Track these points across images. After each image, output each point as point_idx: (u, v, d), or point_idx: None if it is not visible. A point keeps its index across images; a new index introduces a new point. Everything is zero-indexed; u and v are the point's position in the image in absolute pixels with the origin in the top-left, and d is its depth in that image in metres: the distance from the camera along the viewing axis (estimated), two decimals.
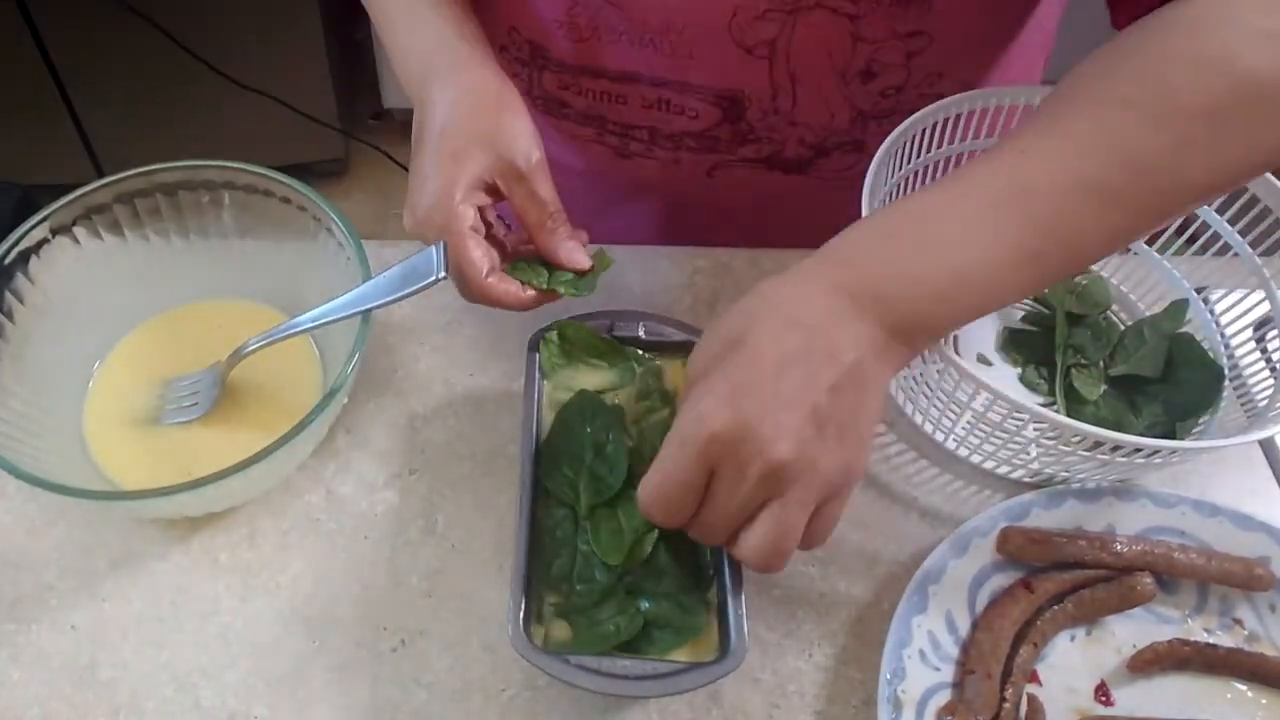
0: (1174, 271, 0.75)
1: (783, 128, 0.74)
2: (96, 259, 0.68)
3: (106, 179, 0.66)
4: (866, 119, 0.73)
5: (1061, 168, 0.47)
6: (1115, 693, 0.59)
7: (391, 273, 0.60)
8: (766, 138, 0.75)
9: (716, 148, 0.77)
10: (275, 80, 1.93)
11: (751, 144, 0.76)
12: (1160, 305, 0.74)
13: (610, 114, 0.77)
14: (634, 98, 0.74)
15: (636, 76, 0.73)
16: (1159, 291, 0.75)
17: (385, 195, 2.24)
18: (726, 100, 0.73)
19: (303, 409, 0.58)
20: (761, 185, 0.80)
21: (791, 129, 0.74)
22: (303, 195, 0.67)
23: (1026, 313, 0.76)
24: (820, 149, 0.76)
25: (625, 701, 0.58)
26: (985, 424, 0.62)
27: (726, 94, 0.72)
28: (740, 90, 0.72)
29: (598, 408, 0.60)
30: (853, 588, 0.63)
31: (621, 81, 0.73)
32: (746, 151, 0.77)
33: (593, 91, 0.75)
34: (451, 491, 0.66)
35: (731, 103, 0.73)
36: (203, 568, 0.63)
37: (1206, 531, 0.63)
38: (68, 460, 0.63)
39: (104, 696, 0.58)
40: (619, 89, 0.74)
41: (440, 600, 0.61)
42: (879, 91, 0.71)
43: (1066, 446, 0.61)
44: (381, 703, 0.58)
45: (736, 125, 0.75)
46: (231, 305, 0.72)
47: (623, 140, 0.76)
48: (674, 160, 0.79)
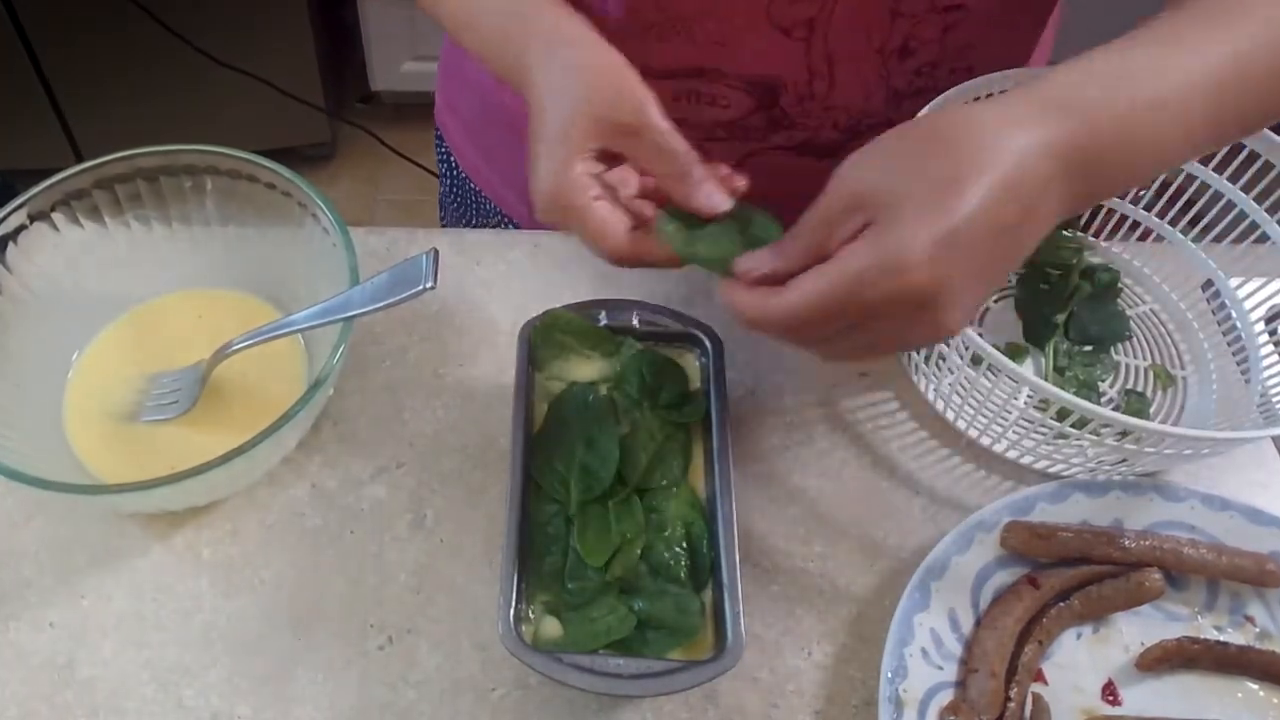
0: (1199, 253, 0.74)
1: (818, 113, 0.73)
2: (76, 246, 0.66)
3: (86, 164, 0.65)
4: (901, 98, 0.72)
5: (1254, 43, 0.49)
6: (1123, 692, 0.58)
7: (380, 279, 0.59)
8: (801, 123, 0.74)
9: (749, 137, 0.75)
10: (260, 61, 1.90)
11: (784, 131, 0.74)
12: (1182, 290, 0.74)
13: None
14: (662, 91, 0.73)
15: (667, 72, 0.71)
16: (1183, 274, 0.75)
17: (373, 180, 2.21)
18: (761, 87, 0.71)
19: (287, 402, 0.57)
20: (790, 172, 0.78)
21: (826, 113, 0.73)
22: (288, 181, 0.65)
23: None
24: (854, 131, 0.75)
25: (620, 701, 0.57)
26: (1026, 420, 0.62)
27: (761, 81, 0.71)
28: (776, 76, 0.70)
29: (590, 400, 0.59)
30: (853, 584, 0.61)
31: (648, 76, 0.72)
32: (779, 139, 0.75)
33: None
34: (441, 485, 0.64)
35: (766, 90, 0.71)
36: (185, 564, 0.61)
37: (1216, 526, 0.61)
38: (46, 453, 0.62)
39: (83, 696, 0.57)
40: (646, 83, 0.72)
41: (429, 597, 0.60)
42: (914, 70, 0.70)
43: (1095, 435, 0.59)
44: (369, 702, 0.57)
45: (770, 112, 0.73)
46: (214, 294, 0.70)
47: None
48: (702, 151, 0.77)
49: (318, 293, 0.62)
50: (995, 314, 0.74)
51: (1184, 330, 0.74)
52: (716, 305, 0.73)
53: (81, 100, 1.95)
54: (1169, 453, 0.59)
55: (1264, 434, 0.58)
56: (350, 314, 0.59)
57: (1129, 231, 0.76)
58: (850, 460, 0.66)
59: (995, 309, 0.75)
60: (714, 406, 0.60)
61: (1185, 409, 0.71)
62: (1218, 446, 0.61)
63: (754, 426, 0.67)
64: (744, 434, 0.67)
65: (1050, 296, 0.74)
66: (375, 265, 0.71)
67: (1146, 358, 0.73)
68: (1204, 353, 0.73)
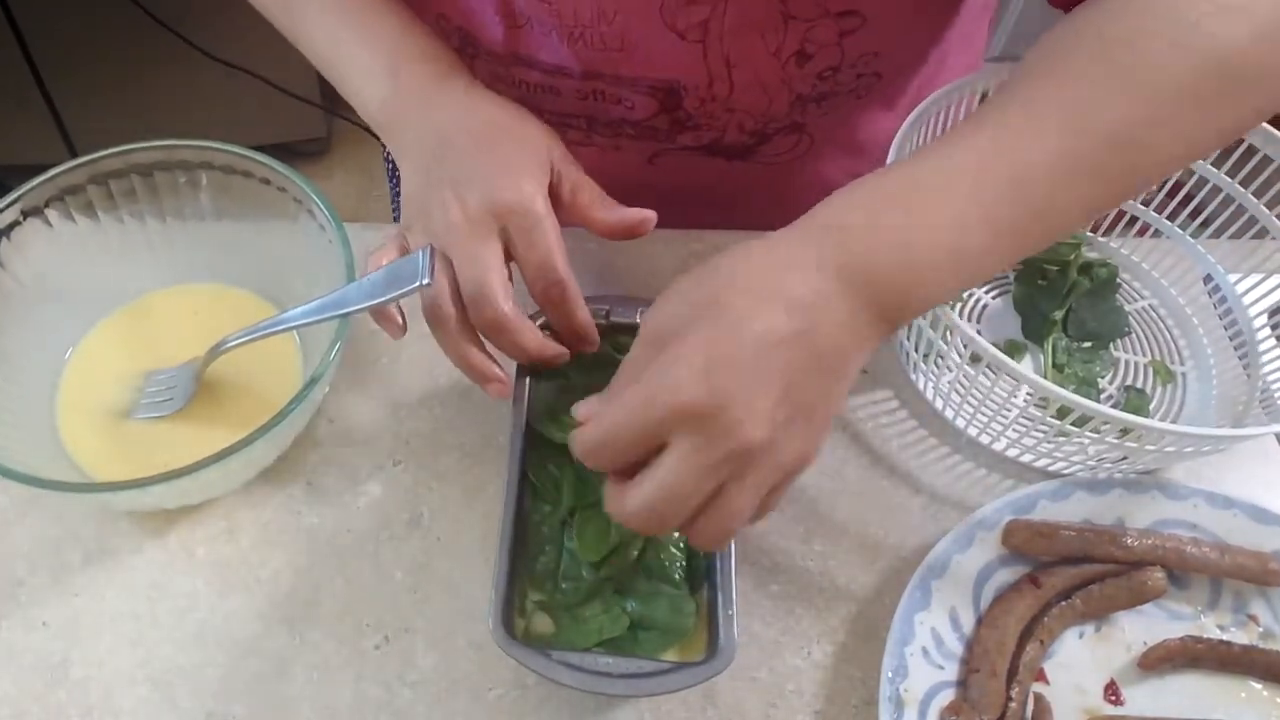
0: (1198, 248, 0.73)
1: (721, 115, 0.73)
2: (69, 242, 0.66)
3: (80, 159, 0.64)
4: (805, 102, 0.72)
5: (1050, 147, 0.47)
6: (1125, 692, 0.57)
7: (376, 275, 0.58)
8: (706, 125, 0.74)
9: (656, 137, 0.75)
10: (255, 56, 1.89)
11: (690, 131, 0.74)
12: (1182, 285, 0.74)
13: (545, 104, 0.74)
14: (567, 90, 0.73)
15: (569, 70, 0.71)
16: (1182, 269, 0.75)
17: (369, 176, 2.20)
18: (662, 91, 0.71)
19: (282, 399, 0.56)
20: (704, 171, 0.78)
21: (730, 115, 0.73)
22: (283, 176, 0.65)
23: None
24: (761, 135, 0.75)
25: (617, 701, 0.56)
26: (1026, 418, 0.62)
27: (662, 84, 0.71)
28: (675, 80, 0.70)
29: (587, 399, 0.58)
30: (853, 583, 0.61)
31: (554, 75, 0.71)
32: (686, 139, 0.75)
33: (525, 83, 0.73)
34: (438, 483, 0.64)
35: (668, 93, 0.71)
36: (179, 562, 0.61)
37: (1220, 525, 0.61)
38: (39, 450, 0.61)
39: (77, 696, 0.56)
40: (551, 81, 0.72)
41: (426, 596, 0.60)
42: (816, 74, 0.69)
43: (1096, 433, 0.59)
44: (364, 702, 0.56)
45: (674, 114, 0.73)
46: (209, 290, 0.70)
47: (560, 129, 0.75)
48: (614, 147, 0.77)
49: (313, 289, 0.62)
50: (994, 311, 0.74)
51: (1183, 326, 0.74)
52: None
53: (75, 95, 1.93)
54: (1170, 450, 0.59)
55: (1266, 431, 0.57)
56: (346, 310, 0.58)
57: (1127, 227, 0.76)
58: (850, 459, 0.66)
59: (994, 306, 0.74)
60: None
61: (1185, 405, 0.70)
62: (1219, 443, 0.61)
63: None
64: None
65: (1048, 293, 0.74)
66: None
67: (1146, 354, 0.73)
68: (1204, 348, 0.73)
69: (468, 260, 0.55)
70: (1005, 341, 0.72)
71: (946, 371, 0.65)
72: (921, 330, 0.62)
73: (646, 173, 0.78)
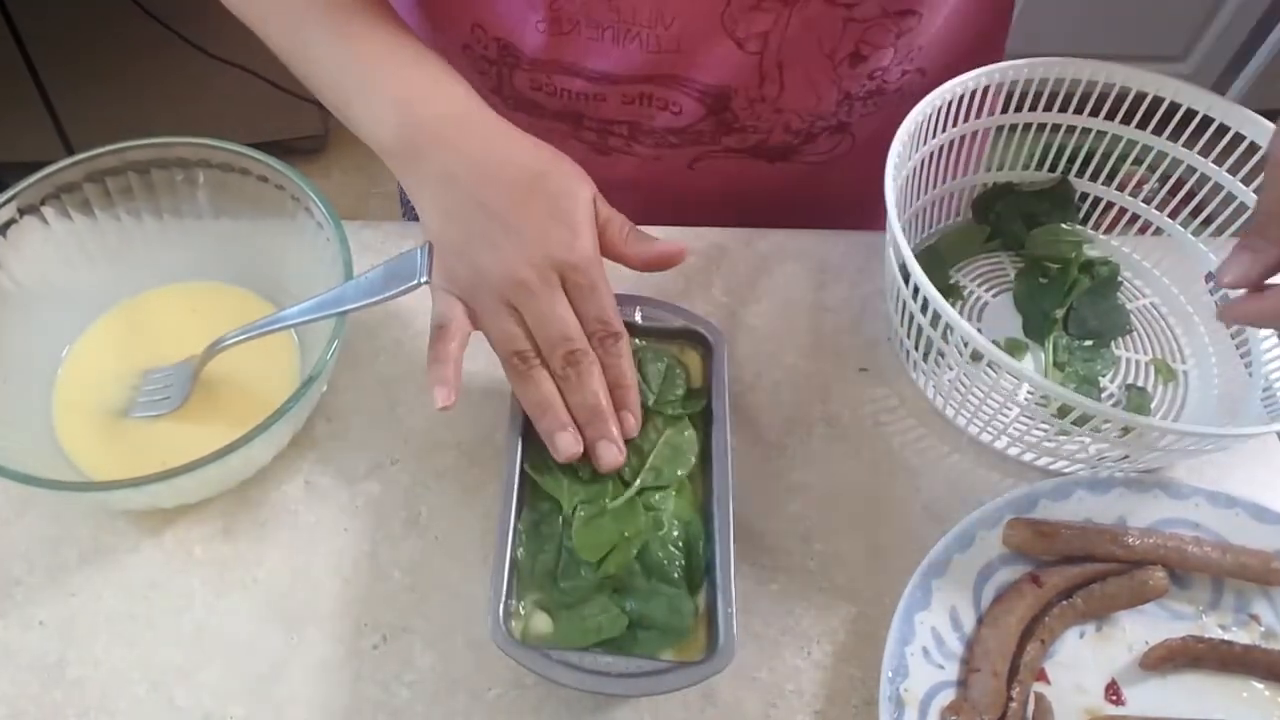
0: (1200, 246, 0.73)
1: (768, 116, 0.73)
2: (66, 240, 0.66)
3: (76, 157, 0.64)
4: (853, 100, 0.72)
5: None
6: (1126, 691, 0.57)
7: (373, 273, 0.58)
8: (752, 127, 0.74)
9: (700, 140, 0.75)
10: (252, 53, 1.83)
11: (736, 134, 0.74)
12: (1183, 283, 0.74)
13: (587, 111, 0.74)
14: (613, 96, 0.72)
15: (616, 76, 0.70)
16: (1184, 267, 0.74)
17: (366, 174, 2.19)
18: (712, 95, 0.71)
19: (280, 398, 0.56)
20: (743, 174, 0.78)
21: (777, 116, 0.73)
22: (280, 173, 0.64)
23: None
24: (807, 135, 0.75)
25: (616, 701, 0.56)
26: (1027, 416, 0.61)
27: (713, 88, 0.70)
28: (728, 84, 0.70)
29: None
30: (852, 582, 0.61)
31: (599, 81, 0.71)
32: (730, 142, 0.75)
33: (568, 91, 0.73)
34: (436, 482, 0.64)
35: (717, 96, 0.71)
36: (176, 562, 0.60)
37: (1222, 524, 0.61)
38: (35, 449, 0.61)
39: (73, 696, 0.56)
40: (596, 88, 0.72)
41: (423, 595, 0.59)
42: (866, 74, 0.70)
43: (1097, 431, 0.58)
44: (362, 702, 0.56)
45: (721, 116, 0.73)
46: (206, 288, 0.69)
47: (601, 136, 0.75)
48: (655, 156, 0.77)
49: (311, 287, 0.61)
50: (994, 309, 0.74)
51: (1185, 324, 0.74)
52: (717, 302, 0.72)
53: (71, 92, 1.92)
54: (1172, 449, 0.58)
55: (1268, 429, 0.57)
56: (344, 308, 0.58)
57: (1128, 225, 0.76)
58: (850, 457, 0.66)
59: (994, 304, 0.74)
60: (714, 403, 0.59)
61: (1187, 404, 0.70)
62: (1221, 442, 0.60)
63: (753, 423, 0.67)
64: (744, 431, 0.66)
65: (1050, 290, 0.73)
66: (369, 259, 0.70)
67: (1147, 352, 0.73)
68: (1205, 347, 0.72)
69: (548, 314, 0.55)
70: (1006, 340, 0.72)
71: (947, 370, 0.64)
72: (922, 329, 0.61)
73: (686, 177, 0.78)
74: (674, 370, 0.61)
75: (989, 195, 0.76)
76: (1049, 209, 0.76)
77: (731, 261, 0.74)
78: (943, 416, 0.67)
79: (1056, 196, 0.76)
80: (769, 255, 0.75)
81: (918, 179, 0.70)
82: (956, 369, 0.63)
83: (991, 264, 0.76)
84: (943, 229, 0.77)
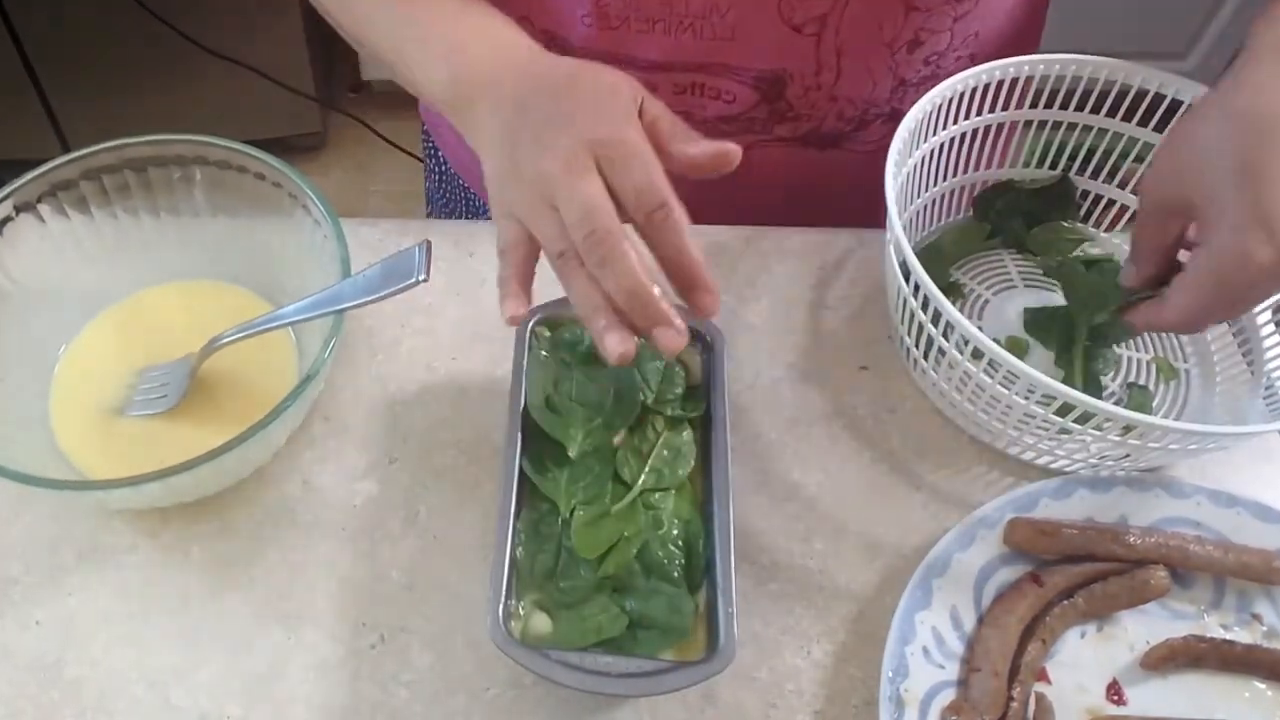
0: None
1: (823, 104, 0.72)
2: (63, 238, 0.65)
3: (73, 154, 0.64)
4: (907, 87, 0.72)
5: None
6: (1128, 691, 0.57)
7: (372, 271, 0.58)
8: (806, 115, 0.73)
9: (752, 129, 0.75)
10: (250, 49, 1.87)
11: (789, 122, 0.74)
12: None
13: None
14: (664, 85, 0.72)
15: (668, 65, 0.70)
16: None
17: (365, 171, 2.18)
18: (766, 81, 0.70)
19: (277, 396, 0.56)
20: (793, 162, 0.77)
21: (832, 104, 0.72)
22: (278, 171, 0.64)
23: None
24: (859, 122, 0.74)
25: (615, 701, 0.56)
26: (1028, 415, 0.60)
27: (767, 74, 0.70)
28: (783, 69, 0.69)
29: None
30: (853, 581, 0.60)
31: (649, 71, 0.70)
32: (783, 130, 0.74)
33: None
34: (434, 481, 0.63)
35: (772, 83, 0.70)
36: (174, 561, 0.60)
37: (1223, 523, 0.61)
38: (32, 448, 0.61)
39: (71, 695, 0.56)
40: (647, 77, 0.71)
41: (422, 595, 0.59)
42: (922, 60, 0.70)
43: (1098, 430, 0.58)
44: (360, 702, 0.56)
45: (775, 105, 0.72)
46: (204, 286, 0.69)
47: None
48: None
49: (309, 285, 0.61)
50: (995, 307, 0.73)
51: None
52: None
53: (68, 89, 1.91)
54: (1173, 448, 0.58)
55: (1270, 428, 0.57)
56: (342, 306, 0.58)
57: (1130, 222, 0.75)
58: (850, 456, 0.65)
59: (995, 301, 0.74)
60: (713, 402, 0.59)
61: (1189, 403, 0.70)
62: (1223, 441, 0.60)
63: (753, 422, 0.66)
64: (743, 430, 0.66)
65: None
66: (367, 257, 0.69)
67: (1149, 351, 0.72)
68: (1207, 345, 0.72)
69: (570, 197, 0.49)
70: (1006, 338, 0.71)
71: (948, 368, 0.64)
72: (923, 327, 0.61)
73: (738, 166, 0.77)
74: (673, 369, 0.61)
75: (989, 193, 0.76)
76: (1050, 207, 0.75)
77: (731, 259, 0.74)
78: (943, 415, 0.67)
79: (1057, 194, 0.75)
80: (768, 253, 0.75)
81: (919, 176, 0.70)
82: (957, 367, 0.62)
83: (992, 262, 0.76)
84: (943, 226, 0.77)
